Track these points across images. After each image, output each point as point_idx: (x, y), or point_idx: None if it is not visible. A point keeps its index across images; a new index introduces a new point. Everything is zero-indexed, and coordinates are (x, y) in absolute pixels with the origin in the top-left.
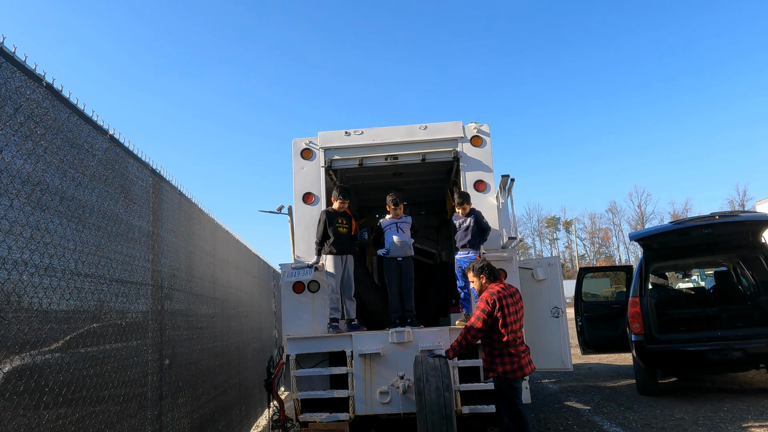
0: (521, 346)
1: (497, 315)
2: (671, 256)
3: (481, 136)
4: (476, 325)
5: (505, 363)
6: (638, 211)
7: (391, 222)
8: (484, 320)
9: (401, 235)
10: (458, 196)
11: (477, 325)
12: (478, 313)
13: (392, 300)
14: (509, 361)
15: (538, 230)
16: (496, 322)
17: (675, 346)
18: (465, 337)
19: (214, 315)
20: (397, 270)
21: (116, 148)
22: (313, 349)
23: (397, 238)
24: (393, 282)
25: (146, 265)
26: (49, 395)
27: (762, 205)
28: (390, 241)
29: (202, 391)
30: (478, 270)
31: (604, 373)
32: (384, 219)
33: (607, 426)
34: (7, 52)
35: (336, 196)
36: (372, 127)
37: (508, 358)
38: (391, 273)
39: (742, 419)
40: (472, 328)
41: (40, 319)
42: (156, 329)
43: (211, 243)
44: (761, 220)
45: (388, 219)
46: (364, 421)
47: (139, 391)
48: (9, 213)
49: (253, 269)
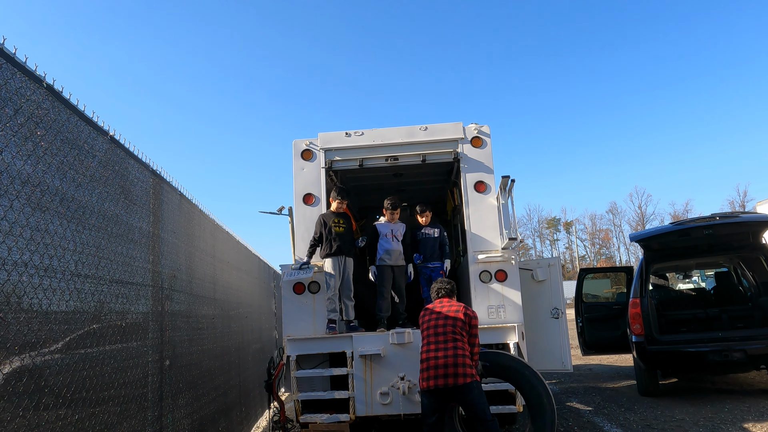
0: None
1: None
2: (672, 257)
3: (481, 137)
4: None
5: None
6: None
7: (387, 228)
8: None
9: (396, 244)
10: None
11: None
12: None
13: (380, 300)
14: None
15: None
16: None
17: (675, 347)
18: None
19: (215, 316)
20: (390, 274)
21: (116, 149)
22: (314, 350)
23: (392, 248)
24: (385, 285)
25: (146, 266)
26: (49, 396)
27: (762, 206)
28: (386, 249)
29: (203, 392)
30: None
31: (604, 374)
32: (380, 222)
33: (607, 427)
34: (8, 53)
35: (334, 196)
36: (372, 128)
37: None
38: (384, 277)
39: (743, 420)
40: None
41: (40, 320)
42: (156, 330)
43: (211, 244)
44: (762, 220)
45: (383, 222)
46: (364, 422)
47: (139, 392)
48: (9, 214)
49: (253, 270)
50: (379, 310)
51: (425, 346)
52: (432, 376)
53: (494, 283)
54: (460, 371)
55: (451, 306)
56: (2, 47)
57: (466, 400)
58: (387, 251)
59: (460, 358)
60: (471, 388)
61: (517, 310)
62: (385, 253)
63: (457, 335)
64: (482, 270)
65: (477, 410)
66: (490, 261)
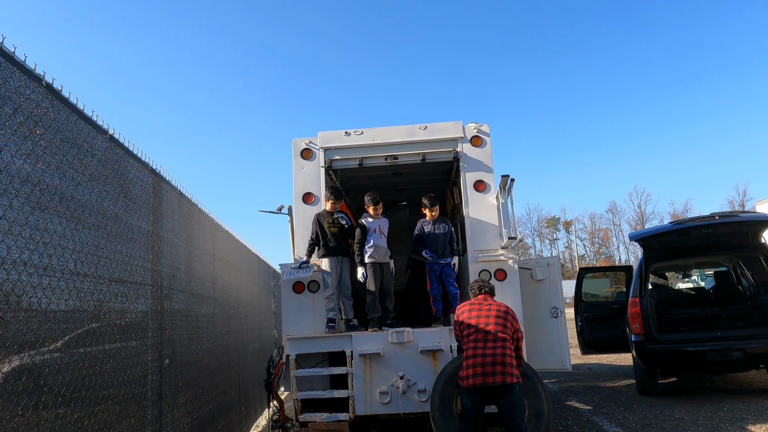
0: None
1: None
2: (671, 257)
3: (481, 136)
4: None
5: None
6: (638, 212)
7: (375, 224)
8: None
9: (383, 240)
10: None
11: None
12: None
13: (371, 300)
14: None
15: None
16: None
17: (675, 347)
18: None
19: (214, 315)
20: (379, 273)
21: (116, 147)
22: (313, 349)
23: (380, 244)
24: (375, 283)
25: (146, 265)
26: (48, 395)
27: (762, 205)
28: (375, 245)
29: (202, 391)
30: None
31: (603, 373)
32: (366, 219)
33: (607, 426)
34: (7, 51)
35: (327, 196)
36: (372, 128)
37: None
38: (375, 275)
39: (742, 419)
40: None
41: (40, 319)
42: (156, 329)
43: (210, 243)
44: (761, 220)
45: (370, 220)
46: (364, 421)
47: (138, 391)
48: (8, 213)
49: (252, 269)
50: (371, 311)
51: (471, 342)
52: (479, 373)
53: (494, 283)
54: (508, 370)
55: (496, 306)
56: (1, 46)
57: (507, 401)
58: (376, 247)
59: (508, 357)
60: (515, 388)
61: (516, 309)
62: (374, 250)
63: (504, 334)
64: (482, 269)
65: (514, 413)
66: (490, 260)
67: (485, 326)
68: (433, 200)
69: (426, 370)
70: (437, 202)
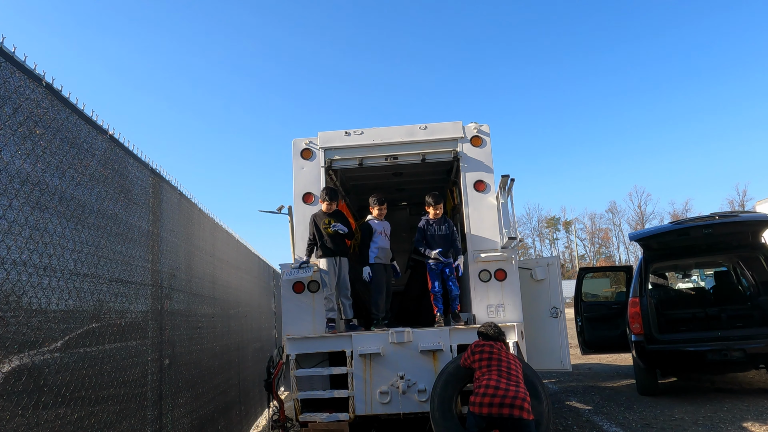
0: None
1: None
2: (671, 257)
3: (481, 136)
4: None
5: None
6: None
7: (380, 226)
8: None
9: (387, 241)
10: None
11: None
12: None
13: (378, 299)
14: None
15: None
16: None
17: (675, 347)
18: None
19: (214, 315)
20: (384, 273)
21: (116, 147)
22: (313, 349)
23: (386, 246)
24: (382, 283)
25: (146, 265)
26: (48, 395)
27: (762, 205)
28: (380, 247)
29: (202, 391)
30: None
31: (603, 373)
32: (371, 220)
33: (606, 426)
34: (7, 51)
35: (323, 197)
36: (372, 127)
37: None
38: (380, 275)
39: (742, 419)
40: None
41: (40, 319)
42: (156, 329)
43: (210, 243)
44: (761, 220)
45: (376, 222)
46: (363, 421)
47: (138, 391)
48: (8, 213)
49: (252, 269)
50: (377, 310)
51: (488, 374)
52: (496, 403)
53: (493, 283)
54: (526, 406)
55: (513, 357)
56: (1, 45)
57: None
58: (382, 249)
59: (528, 396)
60: (530, 426)
61: (516, 309)
62: (380, 251)
63: (521, 378)
64: (482, 269)
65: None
66: (490, 260)
67: (504, 363)
68: (437, 198)
69: (426, 370)
70: (442, 199)
